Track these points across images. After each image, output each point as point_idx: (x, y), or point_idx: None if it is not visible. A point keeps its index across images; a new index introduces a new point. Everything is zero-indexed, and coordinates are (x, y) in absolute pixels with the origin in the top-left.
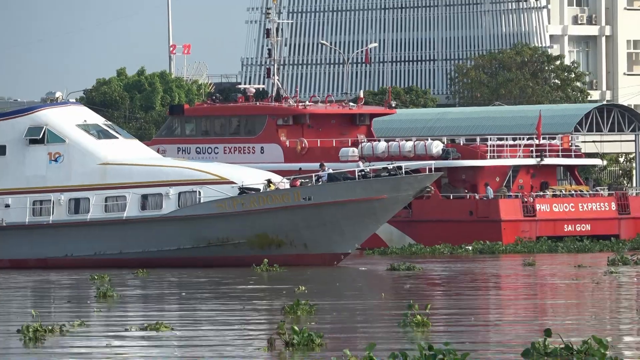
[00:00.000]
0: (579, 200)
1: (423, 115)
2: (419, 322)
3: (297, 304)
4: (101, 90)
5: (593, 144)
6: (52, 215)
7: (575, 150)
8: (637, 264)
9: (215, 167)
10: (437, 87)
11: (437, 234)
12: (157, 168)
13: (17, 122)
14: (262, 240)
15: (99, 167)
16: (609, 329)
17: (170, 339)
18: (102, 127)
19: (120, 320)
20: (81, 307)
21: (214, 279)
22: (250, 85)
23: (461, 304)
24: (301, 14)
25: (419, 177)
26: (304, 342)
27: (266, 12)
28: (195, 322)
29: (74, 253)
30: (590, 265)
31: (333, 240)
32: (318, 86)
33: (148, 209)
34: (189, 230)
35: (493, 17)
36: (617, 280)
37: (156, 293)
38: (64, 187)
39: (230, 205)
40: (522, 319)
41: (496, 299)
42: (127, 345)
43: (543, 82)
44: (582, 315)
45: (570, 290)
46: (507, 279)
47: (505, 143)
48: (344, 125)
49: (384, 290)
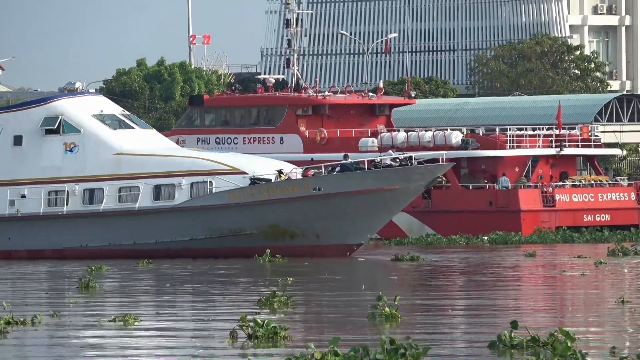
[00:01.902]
0: (598, 190)
1: (442, 106)
2: (387, 314)
3: (274, 295)
4: (121, 81)
5: (613, 134)
6: (67, 205)
7: (594, 140)
8: (636, 254)
9: (228, 157)
10: (457, 77)
11: (456, 225)
12: (170, 158)
13: (33, 112)
14: (274, 231)
15: (113, 157)
16: (580, 322)
17: (135, 329)
18: (119, 117)
19: (93, 312)
20: (64, 298)
21: (210, 270)
22: (269, 75)
23: (443, 295)
24: (321, 4)
25: (430, 168)
26: (268, 334)
27: (286, 2)
28: (166, 313)
29: (89, 243)
30: (589, 256)
31: (345, 231)
32: (337, 76)
33: (161, 199)
34: (201, 220)
35: (513, 7)
36: (605, 271)
37: (141, 284)
38: (78, 177)
39: (241, 196)
40: (497, 311)
41: (478, 291)
42: (95, 336)
43: (563, 72)
44: (556, 306)
45: (554, 282)
46: (500, 270)
47: (524, 133)
48: (363, 116)
49: (371, 282)
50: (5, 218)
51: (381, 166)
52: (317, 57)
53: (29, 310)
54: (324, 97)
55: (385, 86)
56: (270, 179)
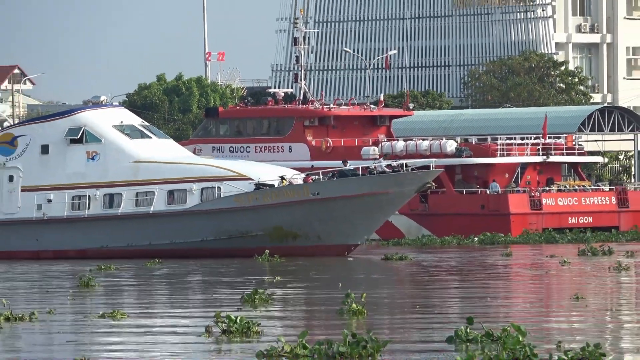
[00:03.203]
0: (582, 194)
1: (438, 117)
2: (354, 310)
3: (255, 293)
4: (143, 94)
5: (595, 143)
6: (88, 209)
7: (578, 148)
8: (605, 254)
9: (235, 164)
10: (452, 91)
11: (451, 226)
12: (183, 166)
13: (59, 123)
14: (278, 232)
15: (131, 164)
16: (535, 317)
17: (119, 326)
18: (138, 127)
19: (87, 308)
20: (64, 296)
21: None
22: (279, 89)
23: (415, 292)
24: (326, 24)
25: (420, 174)
26: (241, 329)
27: (294, 22)
28: (150, 311)
29: (109, 244)
30: (561, 255)
31: (343, 232)
32: (342, 90)
33: (174, 203)
34: (210, 223)
35: (503, 26)
36: (568, 270)
37: (138, 283)
38: (99, 183)
39: (247, 200)
40: (462, 307)
41: (447, 289)
42: (81, 332)
43: (549, 86)
44: (517, 303)
45: (519, 280)
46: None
47: (514, 142)
48: (365, 126)
49: (353, 280)
50: (33, 221)
51: (375, 172)
52: (322, 73)
53: (28, 307)
54: (329, 109)
55: (385, 99)
56: (274, 184)
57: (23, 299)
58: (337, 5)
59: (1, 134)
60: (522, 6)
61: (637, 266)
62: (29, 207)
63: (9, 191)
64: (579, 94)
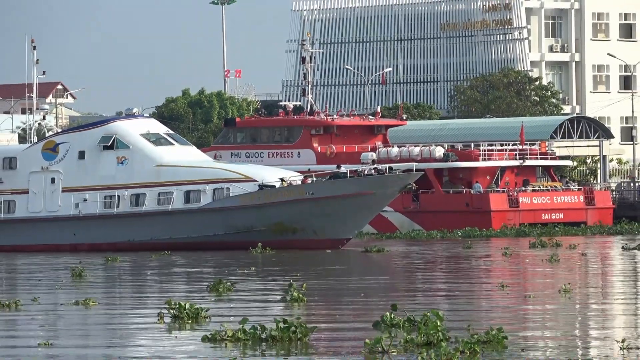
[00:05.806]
0: (553, 194)
1: (428, 126)
2: (295, 298)
3: (219, 282)
4: (169, 107)
5: (565, 149)
6: (117, 207)
7: (550, 153)
8: (553, 246)
9: (242, 167)
10: (440, 103)
11: (439, 222)
12: (198, 169)
13: (94, 132)
14: (279, 227)
15: (155, 168)
16: (459, 303)
17: (87, 313)
18: (162, 135)
19: (69, 297)
20: (57, 285)
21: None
22: (289, 102)
23: (366, 280)
24: (330, 45)
25: (402, 176)
26: (191, 315)
27: (302, 43)
28: (121, 299)
29: (136, 238)
30: (515, 247)
31: (336, 227)
32: (344, 103)
33: (190, 202)
34: (221, 219)
35: (485, 47)
36: (509, 260)
37: (127, 274)
38: (127, 184)
39: (250, 199)
40: (401, 296)
41: (393, 279)
42: (51, 317)
43: (525, 99)
44: (450, 289)
45: (460, 270)
46: (435, 260)
47: (494, 148)
48: (364, 134)
49: (319, 270)
50: (71, 217)
51: (362, 175)
52: (327, 88)
53: (16, 296)
54: (332, 120)
55: (382, 110)
56: (275, 185)
57: (16, 289)
58: (340, 28)
59: (45, 141)
60: (501, 29)
61: (568, 258)
62: (67, 205)
63: (51, 192)
64: (551, 106)
